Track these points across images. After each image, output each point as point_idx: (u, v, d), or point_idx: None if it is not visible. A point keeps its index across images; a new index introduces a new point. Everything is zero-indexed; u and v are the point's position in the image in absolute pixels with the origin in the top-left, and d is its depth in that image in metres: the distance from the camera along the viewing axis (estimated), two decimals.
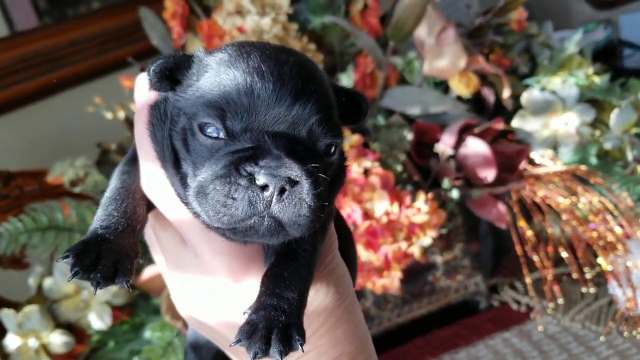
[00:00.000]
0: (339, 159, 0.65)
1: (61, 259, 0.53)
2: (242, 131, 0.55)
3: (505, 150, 1.58)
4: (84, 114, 1.73)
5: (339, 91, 0.64)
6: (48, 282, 1.45)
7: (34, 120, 2.01)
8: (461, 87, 1.57)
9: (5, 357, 1.39)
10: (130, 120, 1.70)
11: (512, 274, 1.75)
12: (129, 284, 0.55)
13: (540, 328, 1.58)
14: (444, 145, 1.50)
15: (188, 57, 0.61)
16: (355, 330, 0.69)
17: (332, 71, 1.74)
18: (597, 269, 1.53)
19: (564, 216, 1.53)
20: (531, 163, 1.63)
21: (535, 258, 1.55)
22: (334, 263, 0.68)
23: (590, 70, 1.73)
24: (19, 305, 1.46)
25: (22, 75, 1.96)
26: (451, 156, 1.51)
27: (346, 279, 0.70)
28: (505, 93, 1.61)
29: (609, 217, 1.50)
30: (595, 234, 1.51)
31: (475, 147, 1.49)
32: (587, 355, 1.45)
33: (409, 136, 1.52)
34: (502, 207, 1.52)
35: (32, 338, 1.39)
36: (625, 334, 1.48)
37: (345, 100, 0.64)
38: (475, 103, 1.74)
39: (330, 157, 0.60)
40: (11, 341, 1.38)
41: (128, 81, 1.69)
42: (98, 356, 1.46)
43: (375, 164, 1.40)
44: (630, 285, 1.48)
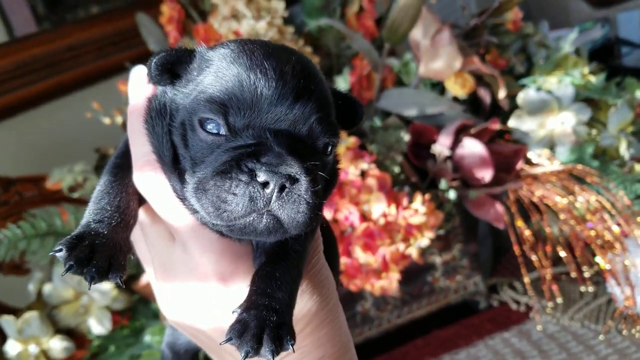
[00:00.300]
0: (333, 159, 0.65)
1: (53, 252, 0.52)
2: (244, 128, 0.54)
3: (502, 151, 1.58)
4: (82, 120, 1.74)
5: (336, 95, 0.65)
6: (48, 288, 1.45)
7: (33, 126, 2.01)
8: (457, 88, 1.57)
9: None
10: None
11: (511, 273, 1.75)
12: (122, 280, 0.54)
13: (540, 327, 1.58)
14: (441, 146, 1.50)
15: (190, 52, 0.61)
16: (338, 333, 0.69)
17: (329, 74, 1.75)
18: (596, 268, 1.53)
19: (562, 215, 1.53)
20: (528, 163, 1.63)
21: (534, 257, 1.55)
22: (319, 265, 0.68)
23: (586, 69, 1.73)
24: (19, 311, 1.47)
25: (21, 80, 1.96)
26: (448, 157, 1.51)
27: (330, 281, 0.70)
28: (501, 93, 1.61)
29: (607, 216, 1.50)
30: (593, 233, 1.51)
31: (472, 148, 1.49)
32: (587, 354, 1.45)
33: (406, 137, 1.52)
34: (500, 207, 1.52)
35: (33, 344, 1.39)
36: (624, 332, 1.47)
37: (342, 104, 0.64)
38: (472, 104, 1.74)
39: (327, 157, 0.60)
40: (11, 347, 1.39)
41: (125, 86, 1.69)
42: None
43: (372, 166, 1.41)
44: (629, 284, 1.48)
